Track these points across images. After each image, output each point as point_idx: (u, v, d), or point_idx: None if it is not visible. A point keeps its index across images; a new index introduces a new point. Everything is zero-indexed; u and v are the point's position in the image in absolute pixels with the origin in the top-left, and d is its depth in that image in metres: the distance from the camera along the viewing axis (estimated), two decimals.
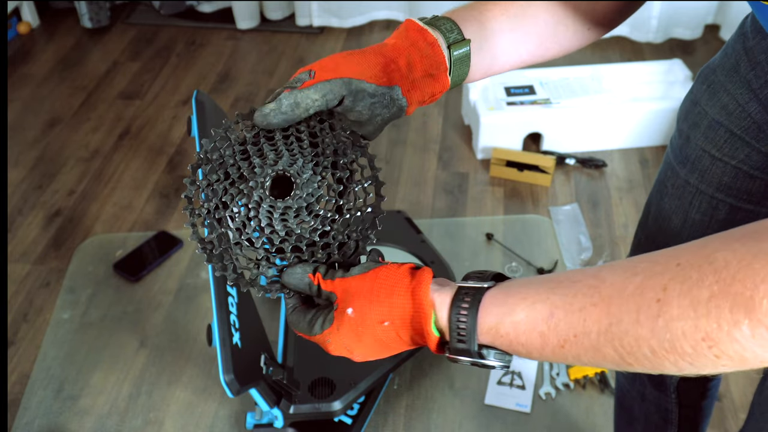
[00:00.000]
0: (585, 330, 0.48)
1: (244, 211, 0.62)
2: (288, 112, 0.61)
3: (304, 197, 0.62)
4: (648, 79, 2.30)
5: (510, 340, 0.52)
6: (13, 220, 2.02)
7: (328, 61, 0.65)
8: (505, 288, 0.53)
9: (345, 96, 0.63)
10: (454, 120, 2.38)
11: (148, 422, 1.03)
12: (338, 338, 0.58)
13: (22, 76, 2.66)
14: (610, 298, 0.47)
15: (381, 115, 0.66)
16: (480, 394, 1.03)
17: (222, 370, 0.84)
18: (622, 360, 0.47)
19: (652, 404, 1.11)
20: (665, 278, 0.45)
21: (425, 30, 0.67)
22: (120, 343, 1.14)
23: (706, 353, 0.43)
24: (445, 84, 0.68)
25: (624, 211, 2.04)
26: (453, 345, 0.54)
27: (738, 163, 0.82)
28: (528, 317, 0.50)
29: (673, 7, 2.62)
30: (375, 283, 0.57)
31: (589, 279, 0.49)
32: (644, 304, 0.45)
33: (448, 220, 1.94)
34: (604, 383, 1.07)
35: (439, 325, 0.54)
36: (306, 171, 0.62)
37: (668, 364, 0.45)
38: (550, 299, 0.50)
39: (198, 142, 0.95)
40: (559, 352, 0.49)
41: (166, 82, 2.62)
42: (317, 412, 0.95)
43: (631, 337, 0.46)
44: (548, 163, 2.07)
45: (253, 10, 2.88)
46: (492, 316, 0.52)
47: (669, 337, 0.44)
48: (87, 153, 2.29)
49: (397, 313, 0.55)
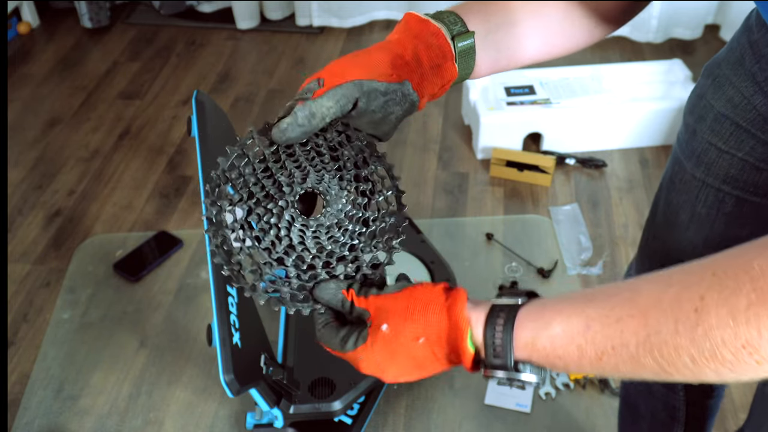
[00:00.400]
0: (623, 341, 0.48)
1: (273, 231, 0.61)
2: (305, 123, 0.61)
3: (335, 213, 0.62)
4: (648, 79, 2.30)
5: (547, 354, 0.52)
6: (13, 220, 2.02)
7: (335, 66, 0.64)
8: (540, 304, 0.54)
9: (358, 98, 0.63)
10: (454, 120, 2.38)
11: (148, 422, 1.03)
12: (371, 355, 0.58)
13: (22, 76, 2.66)
14: (647, 308, 0.47)
15: (395, 113, 0.66)
16: (480, 394, 1.03)
17: (222, 370, 0.84)
18: (662, 370, 0.47)
19: (659, 402, 1.11)
20: (702, 288, 0.45)
21: (427, 21, 0.67)
22: (120, 343, 1.14)
23: (746, 360, 0.44)
24: (453, 73, 0.68)
25: (624, 211, 2.04)
26: (489, 361, 0.54)
27: (744, 155, 0.82)
28: (564, 331, 0.51)
29: (673, 7, 2.62)
30: (410, 300, 0.57)
31: (624, 292, 0.49)
32: (682, 314, 0.45)
33: (448, 220, 1.94)
34: (604, 383, 1.07)
35: (475, 341, 0.55)
36: (333, 187, 0.62)
37: (709, 371, 0.46)
38: (586, 312, 0.50)
39: (198, 142, 0.95)
40: (597, 364, 0.50)
41: (166, 82, 2.62)
42: (317, 412, 0.95)
43: (670, 347, 0.46)
44: (548, 163, 2.07)
45: (253, 10, 2.88)
46: (528, 330, 0.53)
47: (709, 346, 0.44)
48: (87, 153, 2.29)
49: (432, 330, 0.56)
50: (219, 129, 1.04)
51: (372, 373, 0.59)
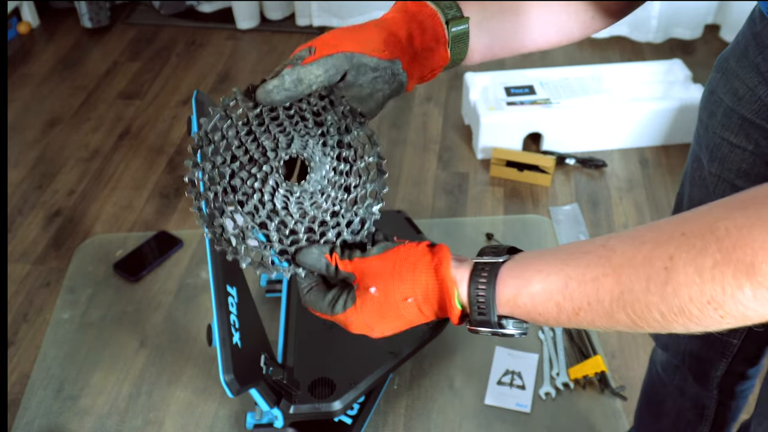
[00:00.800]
0: (598, 298, 0.50)
1: (257, 195, 0.61)
2: (291, 88, 0.61)
3: (318, 180, 0.62)
4: (648, 79, 2.30)
5: (528, 310, 0.54)
6: (13, 220, 2.02)
7: (329, 36, 0.64)
8: (520, 261, 0.56)
9: (347, 70, 0.63)
10: (454, 120, 2.38)
11: (148, 422, 1.03)
12: (361, 316, 0.60)
13: (22, 76, 2.66)
14: (621, 267, 0.49)
15: (382, 91, 0.66)
16: (480, 394, 1.03)
17: (222, 370, 0.84)
18: (634, 324, 0.50)
19: (689, 400, 1.11)
20: (671, 247, 0.47)
21: (424, 2, 0.67)
22: (120, 343, 1.14)
23: (712, 314, 0.46)
24: (444, 57, 0.68)
25: (624, 211, 2.04)
26: (474, 317, 0.56)
27: (753, 148, 0.82)
28: (544, 288, 0.53)
29: (673, 7, 2.62)
30: (396, 262, 0.58)
31: (599, 249, 0.51)
32: (653, 272, 0.47)
33: (448, 220, 1.94)
34: (605, 383, 1.07)
35: (461, 299, 0.57)
36: (317, 153, 0.62)
37: (677, 325, 0.48)
38: (564, 271, 0.52)
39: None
40: (574, 319, 0.52)
41: (166, 82, 2.62)
42: (317, 412, 0.95)
43: (642, 304, 0.48)
44: (548, 163, 2.07)
45: (253, 10, 2.88)
46: (509, 288, 0.55)
47: (677, 302, 0.47)
48: (87, 153, 2.29)
49: (420, 290, 0.57)
50: None
51: (360, 332, 0.61)
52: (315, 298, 0.62)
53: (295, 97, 0.61)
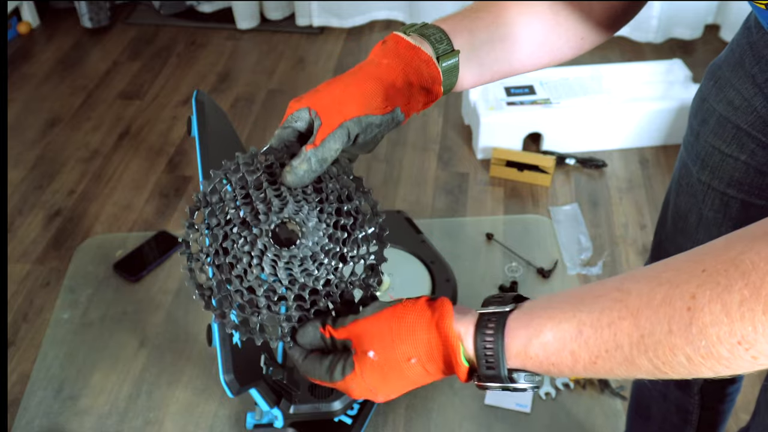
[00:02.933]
0: (617, 344, 0.47)
1: (246, 258, 0.60)
2: (317, 169, 0.61)
3: (310, 246, 0.60)
4: (648, 79, 2.30)
5: (540, 362, 0.51)
6: (13, 220, 2.02)
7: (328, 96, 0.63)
8: (528, 310, 0.53)
9: (359, 134, 0.63)
10: (454, 120, 2.38)
11: (148, 422, 1.03)
12: (362, 382, 0.57)
13: (22, 76, 2.66)
14: (638, 310, 0.47)
15: (382, 133, 0.66)
16: (480, 394, 1.03)
17: (222, 370, 0.84)
18: (657, 370, 0.47)
19: (672, 404, 1.11)
20: (692, 286, 0.45)
21: (418, 48, 0.66)
22: (120, 343, 1.13)
23: (743, 356, 0.43)
24: (438, 94, 0.68)
25: (624, 211, 2.04)
26: (482, 372, 0.53)
27: (747, 158, 0.81)
28: (556, 337, 0.50)
29: (673, 7, 2.62)
30: (393, 321, 0.55)
31: (613, 292, 0.49)
32: (675, 313, 0.45)
33: (448, 220, 1.94)
34: (604, 383, 1.07)
35: (467, 354, 0.54)
36: (311, 219, 0.61)
37: (705, 369, 0.45)
38: (577, 317, 0.49)
39: (198, 142, 0.95)
40: (591, 368, 0.49)
41: (166, 82, 2.62)
42: (317, 412, 0.95)
43: (665, 347, 0.46)
44: (548, 163, 2.07)
45: (253, 10, 2.88)
46: (519, 339, 0.52)
47: (705, 344, 0.44)
48: (87, 153, 2.29)
49: (423, 349, 0.55)
50: (219, 129, 1.04)
51: (364, 397, 0.58)
52: (312, 366, 0.60)
53: (318, 174, 0.61)
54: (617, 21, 0.75)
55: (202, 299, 0.61)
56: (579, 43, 0.75)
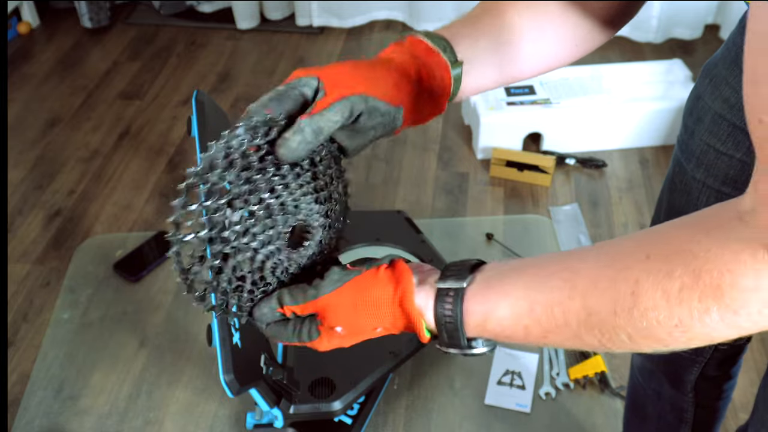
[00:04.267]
0: (566, 321, 0.51)
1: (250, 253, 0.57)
2: (312, 141, 0.57)
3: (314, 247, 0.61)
4: (648, 79, 2.30)
5: (496, 333, 0.55)
6: (13, 220, 2.02)
7: (337, 72, 0.60)
8: (484, 284, 0.55)
9: (362, 112, 0.59)
10: (454, 120, 2.38)
11: (148, 422, 1.03)
12: (328, 345, 0.61)
13: (22, 76, 2.66)
14: (586, 291, 0.49)
15: (376, 131, 0.63)
16: (480, 394, 1.03)
17: (222, 370, 0.84)
18: (601, 345, 0.50)
19: (667, 403, 1.11)
20: (636, 271, 0.47)
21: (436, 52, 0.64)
22: (120, 343, 1.13)
23: (679, 337, 0.47)
24: (441, 109, 0.67)
25: (624, 211, 2.04)
26: (443, 341, 0.57)
27: (742, 156, 0.81)
28: (511, 313, 0.53)
29: (673, 7, 2.62)
30: (357, 297, 0.57)
31: (564, 272, 0.51)
32: (619, 297, 0.47)
33: (448, 220, 1.94)
34: (605, 383, 1.07)
35: (429, 325, 0.57)
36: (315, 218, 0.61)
37: (644, 347, 0.49)
38: (530, 295, 0.52)
39: (198, 142, 0.95)
40: (542, 340, 0.53)
41: (166, 82, 2.62)
42: (317, 412, 0.95)
43: (609, 326, 0.49)
44: (548, 163, 2.07)
45: (253, 10, 2.88)
46: (476, 314, 0.55)
47: (645, 326, 0.47)
48: (87, 153, 2.29)
49: (388, 322, 0.58)
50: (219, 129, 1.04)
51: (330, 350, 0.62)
52: (277, 330, 0.62)
53: (314, 147, 0.58)
54: (616, 21, 0.75)
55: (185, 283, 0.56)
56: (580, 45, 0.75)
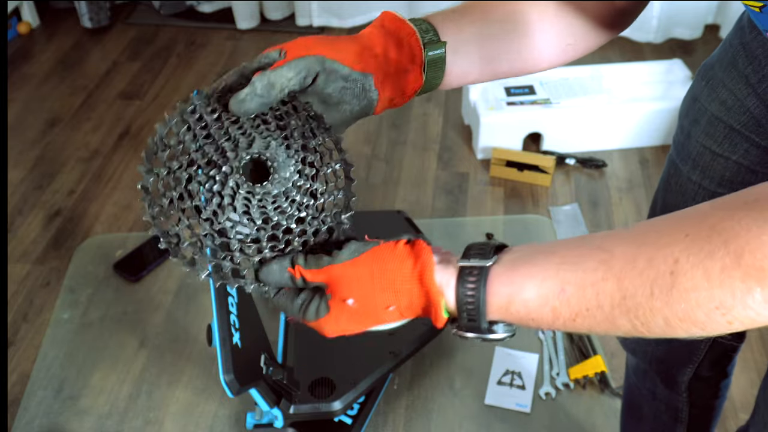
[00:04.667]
0: (598, 304, 0.48)
1: (216, 199, 0.57)
2: (264, 94, 0.58)
3: (282, 182, 0.58)
4: (648, 79, 2.30)
5: (521, 317, 0.52)
6: (13, 220, 2.02)
7: (301, 40, 0.62)
8: (510, 265, 0.52)
9: (318, 73, 0.60)
10: (454, 120, 2.38)
11: (148, 422, 1.03)
12: (336, 325, 0.56)
13: (22, 76, 2.66)
14: (622, 271, 0.47)
15: (350, 105, 0.63)
16: (480, 394, 1.03)
17: (222, 370, 0.84)
18: (634, 329, 0.48)
19: (662, 403, 1.11)
20: (676, 250, 0.45)
21: (403, 21, 0.65)
22: (120, 343, 1.13)
23: (719, 320, 0.45)
24: (418, 81, 0.66)
25: (624, 211, 2.04)
26: (463, 323, 0.53)
27: (738, 158, 0.81)
28: (539, 294, 0.50)
29: (673, 7, 2.62)
30: (374, 268, 0.54)
31: (597, 252, 0.49)
32: (658, 276, 0.46)
33: (448, 220, 1.94)
34: (605, 383, 1.07)
35: (448, 306, 0.54)
36: (280, 154, 0.58)
37: (680, 331, 0.47)
38: (560, 275, 0.50)
39: None
40: (570, 324, 0.50)
41: (166, 82, 2.62)
42: (317, 412, 0.95)
43: (645, 309, 0.46)
44: (548, 163, 2.07)
45: (253, 10, 2.88)
46: (500, 296, 0.52)
47: (683, 308, 0.45)
48: (87, 153, 2.29)
49: (404, 299, 0.54)
50: None
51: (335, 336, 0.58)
52: (285, 300, 0.59)
53: (268, 103, 0.59)
54: (614, 23, 0.73)
55: (168, 246, 0.57)
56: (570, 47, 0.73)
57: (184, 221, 0.57)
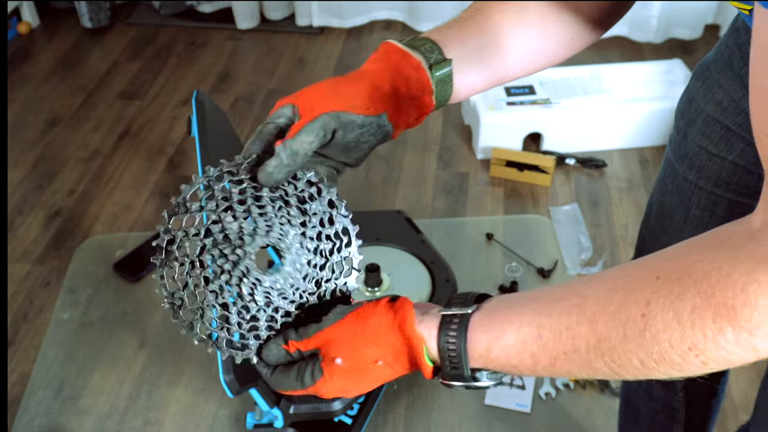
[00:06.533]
0: (575, 347, 0.49)
1: (224, 276, 0.60)
2: (290, 163, 0.59)
3: (290, 273, 0.60)
4: (648, 79, 2.30)
5: (502, 363, 0.53)
6: (13, 220, 2.02)
7: (311, 93, 0.63)
8: (490, 312, 0.54)
9: (336, 129, 0.61)
10: (454, 120, 2.38)
11: (148, 422, 1.03)
12: (332, 386, 0.58)
13: (22, 76, 2.66)
14: (595, 315, 0.48)
15: (368, 142, 0.65)
16: (480, 394, 1.03)
17: (222, 370, 0.84)
18: (613, 372, 0.49)
19: (659, 403, 1.11)
20: (647, 293, 0.46)
21: (408, 53, 0.66)
22: (120, 343, 1.13)
23: (693, 361, 0.45)
24: (429, 106, 0.67)
25: (624, 211, 2.04)
26: (446, 372, 0.55)
27: (735, 158, 0.82)
28: (517, 339, 0.51)
29: (673, 7, 2.62)
30: (357, 325, 0.57)
31: (572, 297, 0.50)
32: (630, 319, 0.46)
33: (448, 220, 1.94)
34: (604, 383, 1.07)
35: (431, 355, 0.55)
36: (294, 244, 0.61)
37: (657, 373, 0.47)
38: (537, 321, 0.51)
39: (198, 142, 0.95)
40: (551, 369, 0.51)
41: (166, 82, 2.62)
42: (317, 412, 0.95)
43: (620, 352, 0.47)
44: (548, 163, 2.08)
45: (253, 10, 2.88)
46: (481, 343, 0.53)
47: (657, 349, 0.45)
48: (87, 153, 2.29)
49: (389, 352, 0.56)
50: (219, 129, 1.04)
51: (335, 396, 0.60)
52: (280, 378, 0.61)
53: (295, 169, 0.60)
54: (606, 20, 0.74)
55: (172, 308, 0.60)
56: (570, 44, 0.74)
57: (191, 287, 0.59)
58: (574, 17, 0.72)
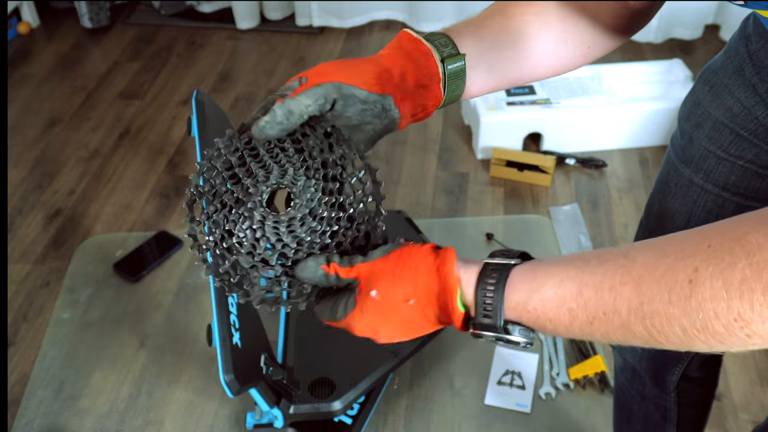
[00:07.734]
0: (615, 308, 0.48)
1: (250, 233, 0.62)
2: (284, 121, 0.62)
3: (305, 204, 0.62)
4: (648, 79, 2.30)
5: (537, 316, 0.52)
6: (13, 220, 2.02)
7: (321, 67, 0.65)
8: (533, 265, 0.54)
9: (336, 99, 0.63)
10: (454, 120, 2.38)
11: (148, 422, 1.03)
12: (363, 320, 0.58)
13: (22, 76, 2.66)
14: (641, 277, 0.47)
15: (372, 124, 0.66)
16: (480, 394, 1.03)
17: (222, 370, 0.84)
18: (651, 338, 0.48)
19: (651, 403, 1.11)
20: (696, 260, 0.45)
21: (419, 40, 0.67)
22: (120, 343, 1.13)
23: (737, 333, 0.44)
24: (438, 96, 0.68)
25: (624, 211, 2.04)
26: (478, 320, 0.54)
27: (746, 162, 0.81)
28: (556, 294, 0.51)
29: (673, 7, 2.62)
30: (398, 262, 0.57)
31: (619, 258, 0.49)
32: (676, 284, 0.46)
33: (448, 220, 1.94)
34: (604, 383, 1.07)
35: (465, 300, 0.55)
36: (299, 178, 0.63)
37: (698, 342, 0.46)
38: (579, 277, 0.50)
39: (198, 142, 0.95)
40: (587, 328, 0.50)
41: (166, 82, 2.62)
42: (317, 412, 0.95)
43: (662, 316, 0.46)
44: (548, 163, 2.08)
45: (253, 10, 2.88)
46: (519, 292, 0.53)
47: (701, 317, 0.45)
48: (87, 153, 2.29)
49: (422, 291, 0.56)
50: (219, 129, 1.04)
51: (366, 335, 0.59)
52: (320, 306, 0.62)
53: (288, 128, 0.62)
54: (626, 28, 0.74)
55: (223, 284, 0.62)
56: (586, 52, 0.74)
57: (230, 259, 0.62)
58: (593, 24, 0.72)
